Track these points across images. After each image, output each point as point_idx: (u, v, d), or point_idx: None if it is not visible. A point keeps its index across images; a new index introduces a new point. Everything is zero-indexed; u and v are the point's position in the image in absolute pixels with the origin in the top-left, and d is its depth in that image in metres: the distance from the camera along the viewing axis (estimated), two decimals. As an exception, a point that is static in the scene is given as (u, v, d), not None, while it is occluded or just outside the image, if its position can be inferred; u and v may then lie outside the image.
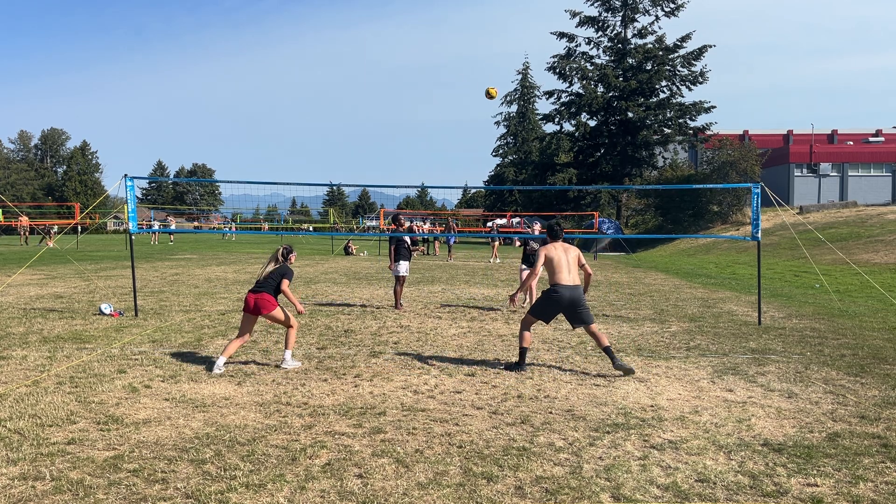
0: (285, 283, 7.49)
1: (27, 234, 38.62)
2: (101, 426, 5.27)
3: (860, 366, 7.64)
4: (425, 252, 30.82)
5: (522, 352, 7.38)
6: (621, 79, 49.61)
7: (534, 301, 7.37)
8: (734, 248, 31.52)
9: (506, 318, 11.24)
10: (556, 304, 7.24)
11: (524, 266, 12.80)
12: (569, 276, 7.34)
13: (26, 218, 40.12)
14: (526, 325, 7.46)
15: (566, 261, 7.39)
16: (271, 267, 7.58)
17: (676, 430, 5.35)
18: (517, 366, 7.34)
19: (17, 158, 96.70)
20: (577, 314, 7.27)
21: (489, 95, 10.55)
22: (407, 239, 12.84)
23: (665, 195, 41.33)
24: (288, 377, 6.94)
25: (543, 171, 58.73)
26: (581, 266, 7.64)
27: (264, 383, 6.69)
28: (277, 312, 7.47)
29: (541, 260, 7.46)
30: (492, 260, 27.54)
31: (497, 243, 30.16)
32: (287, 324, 7.55)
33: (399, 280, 12.47)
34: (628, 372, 7.10)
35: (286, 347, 7.53)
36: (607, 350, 7.22)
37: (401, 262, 12.45)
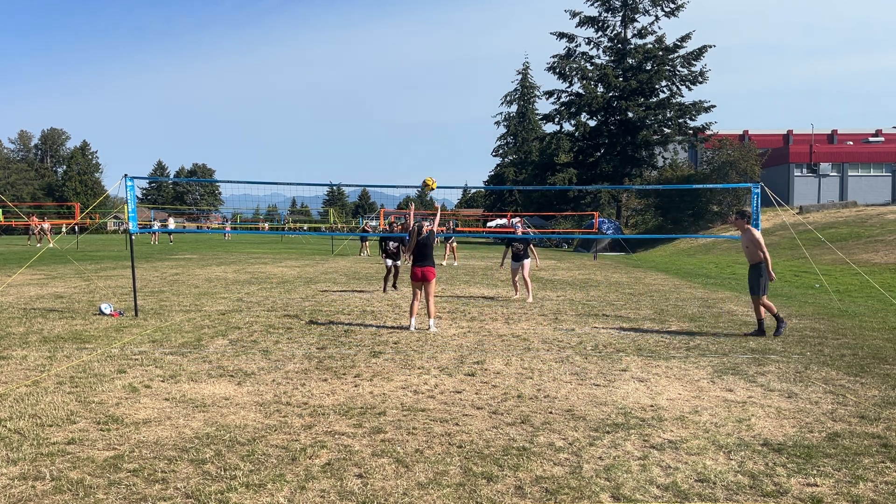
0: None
1: (32, 233, 38.58)
2: (101, 426, 5.27)
3: (860, 366, 7.64)
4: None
5: (777, 317, 9.58)
6: (621, 79, 49.63)
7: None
8: (734, 248, 31.51)
9: (506, 318, 11.24)
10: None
11: (515, 263, 14.18)
12: None
13: (36, 218, 40.21)
14: (766, 303, 9.61)
15: None
16: (413, 242, 9.92)
17: (676, 430, 5.35)
18: (779, 325, 9.54)
19: (17, 158, 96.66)
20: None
21: (427, 186, 10.73)
22: (391, 244, 15.15)
23: (665, 195, 41.33)
24: (288, 377, 6.94)
25: (543, 171, 58.72)
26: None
27: (264, 383, 6.69)
28: (435, 282, 9.95)
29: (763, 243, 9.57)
30: (444, 262, 24.63)
31: (454, 244, 26.53)
32: (432, 295, 9.88)
33: (387, 269, 15.27)
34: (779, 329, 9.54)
35: (430, 316, 9.83)
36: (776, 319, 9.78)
37: (387, 259, 15.23)
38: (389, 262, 15.18)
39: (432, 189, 10.74)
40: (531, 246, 14.28)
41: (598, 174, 51.96)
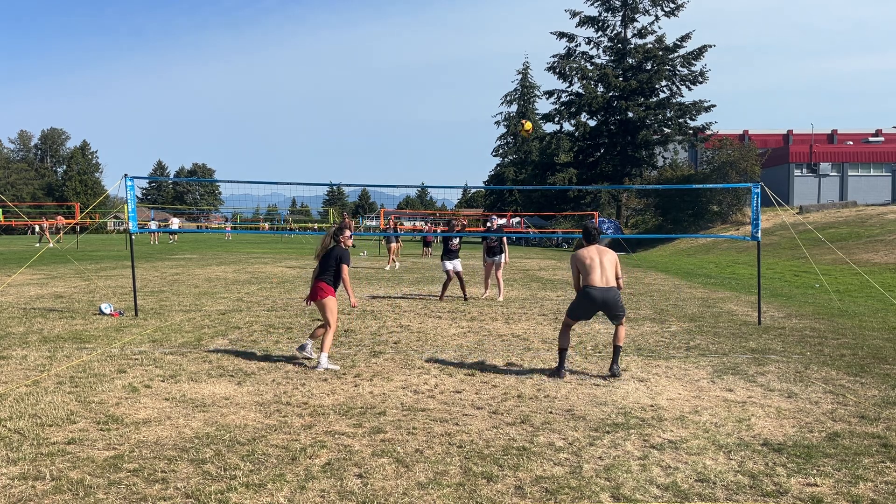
0: (345, 270, 7.34)
1: (57, 232, 38.40)
2: (101, 426, 5.27)
3: (860, 366, 7.63)
4: (430, 254, 30.70)
5: (562, 352, 7.28)
6: (621, 79, 49.64)
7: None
8: (734, 247, 31.53)
9: (506, 318, 11.24)
10: (591, 304, 7.18)
11: (487, 257, 14.15)
12: (601, 277, 7.18)
13: (62, 217, 40.38)
14: (565, 327, 7.36)
15: (599, 262, 7.22)
16: (326, 243, 7.44)
17: (676, 429, 5.35)
18: (558, 369, 7.22)
19: (17, 158, 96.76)
20: (614, 314, 7.26)
21: (525, 130, 9.41)
22: (453, 240, 14.17)
23: (665, 195, 41.33)
24: (288, 377, 6.94)
25: (543, 171, 58.79)
26: (617, 278, 7.32)
27: (264, 383, 6.69)
28: (327, 303, 7.31)
29: (574, 273, 7.35)
30: (387, 267, 22.07)
31: (397, 245, 23.42)
32: (327, 322, 7.39)
33: (448, 275, 14.01)
34: (614, 376, 7.11)
35: (322, 350, 7.30)
36: (617, 349, 7.26)
37: (444, 261, 14.15)
38: (450, 265, 13.93)
39: (528, 132, 9.23)
40: (503, 241, 14.34)
41: (598, 174, 51.99)
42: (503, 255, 14.03)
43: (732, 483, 4.30)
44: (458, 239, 14.27)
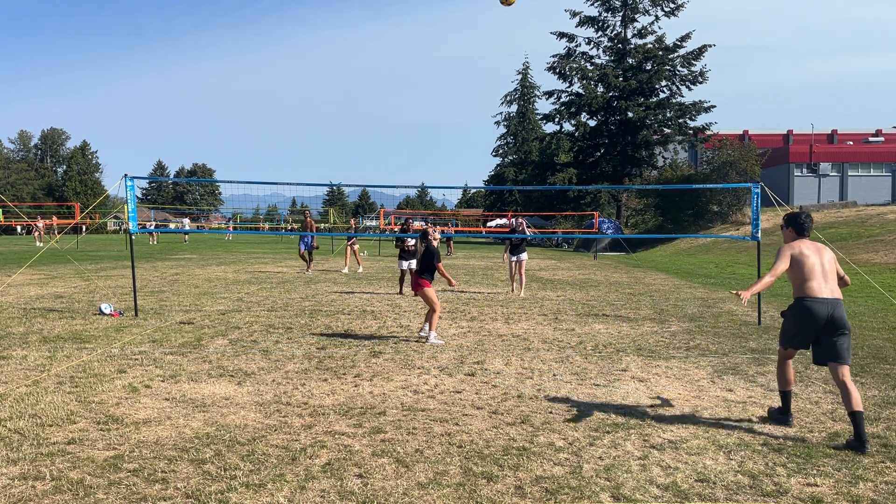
0: (440, 267, 9.09)
1: (53, 233, 38.51)
2: (101, 426, 5.27)
3: (860, 366, 7.63)
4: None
5: (785, 395, 5.59)
6: (621, 79, 49.64)
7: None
8: (734, 247, 31.51)
9: (506, 318, 11.24)
10: (813, 322, 5.25)
11: (513, 257, 15.01)
12: (825, 285, 5.29)
13: (57, 217, 40.42)
14: (782, 361, 5.66)
15: (820, 264, 5.37)
16: (421, 248, 9.25)
17: (676, 429, 5.35)
18: (783, 413, 5.56)
19: (17, 158, 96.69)
20: (834, 343, 5.21)
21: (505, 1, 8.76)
22: (408, 241, 14.97)
23: (665, 195, 41.31)
24: (288, 377, 6.94)
25: (543, 171, 58.78)
26: (840, 277, 5.53)
27: (264, 383, 6.69)
28: (427, 293, 8.97)
29: (784, 262, 5.45)
30: (344, 270, 20.43)
31: (356, 245, 21.64)
32: (432, 307, 8.92)
33: (402, 272, 15.00)
34: (860, 448, 4.87)
35: (430, 328, 8.90)
36: (856, 416, 4.98)
37: (400, 259, 15.00)
38: (405, 264, 14.73)
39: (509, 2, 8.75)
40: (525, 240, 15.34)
41: (598, 174, 51.99)
42: (526, 254, 15.14)
43: (732, 483, 4.30)
44: (413, 241, 14.99)
